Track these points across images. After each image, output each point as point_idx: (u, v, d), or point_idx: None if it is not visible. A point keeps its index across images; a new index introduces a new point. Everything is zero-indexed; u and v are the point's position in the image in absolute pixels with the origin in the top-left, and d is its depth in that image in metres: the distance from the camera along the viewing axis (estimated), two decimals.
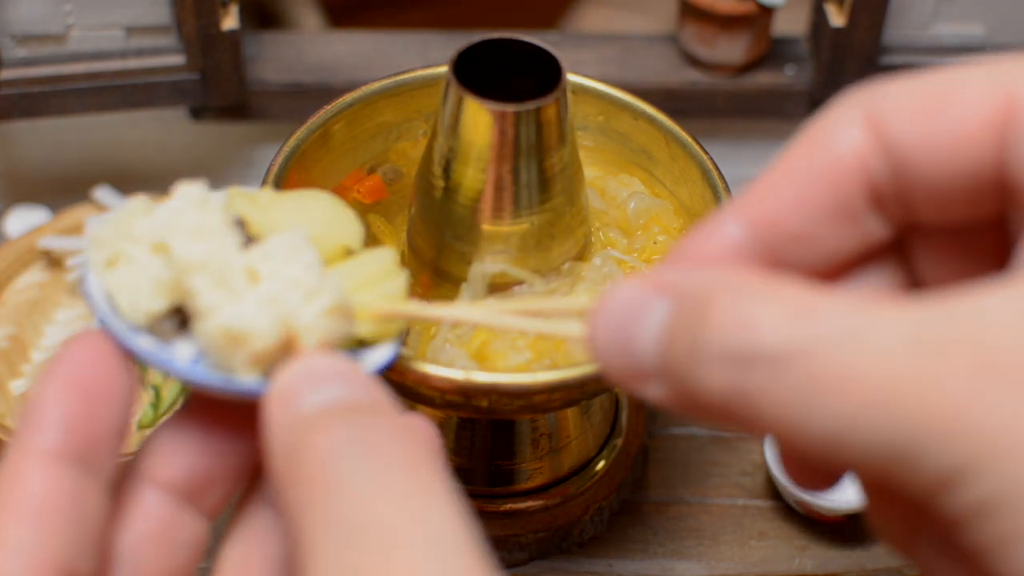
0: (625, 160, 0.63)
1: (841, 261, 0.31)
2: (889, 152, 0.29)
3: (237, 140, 0.84)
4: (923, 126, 0.28)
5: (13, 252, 0.77)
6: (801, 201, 0.30)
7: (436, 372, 0.49)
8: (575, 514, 0.64)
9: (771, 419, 0.26)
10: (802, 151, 0.30)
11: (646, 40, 0.82)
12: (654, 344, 0.28)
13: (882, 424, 0.25)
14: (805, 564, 0.66)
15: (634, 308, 0.29)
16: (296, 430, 0.30)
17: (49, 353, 0.72)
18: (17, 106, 0.74)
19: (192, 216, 0.35)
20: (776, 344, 0.26)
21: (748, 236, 0.30)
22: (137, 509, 0.33)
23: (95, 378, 0.32)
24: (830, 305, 0.26)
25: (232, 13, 0.74)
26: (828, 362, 0.25)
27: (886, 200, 0.30)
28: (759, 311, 0.26)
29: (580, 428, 0.64)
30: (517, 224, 0.54)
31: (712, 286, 0.28)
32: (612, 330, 0.29)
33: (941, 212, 0.30)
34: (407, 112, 0.62)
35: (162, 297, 0.34)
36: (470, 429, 0.62)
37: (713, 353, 0.27)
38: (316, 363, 0.32)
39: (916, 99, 0.29)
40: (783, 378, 0.26)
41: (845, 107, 0.30)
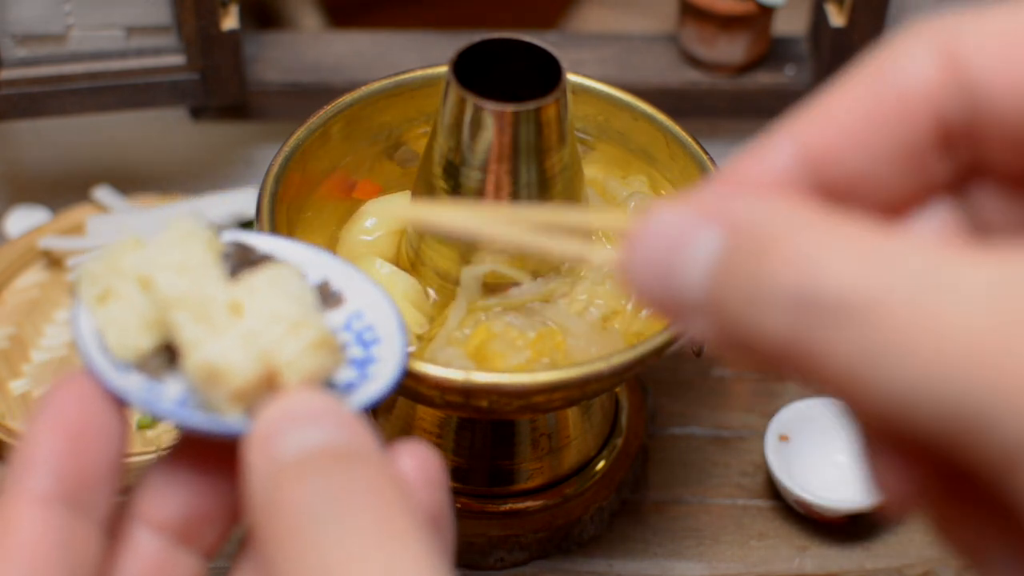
0: (625, 160, 0.63)
1: (900, 199, 0.28)
2: (965, 90, 0.26)
3: (237, 140, 0.84)
4: (1006, 67, 0.26)
5: (13, 252, 0.77)
6: (862, 136, 0.27)
7: (436, 372, 0.49)
8: (575, 514, 0.64)
9: (832, 372, 0.24)
10: (867, 79, 0.27)
11: (646, 40, 0.82)
12: (703, 278, 0.26)
13: (956, 386, 0.22)
14: (805, 564, 0.66)
15: (681, 235, 0.26)
16: (273, 478, 0.30)
17: (49, 353, 0.72)
18: (17, 106, 0.74)
19: (176, 251, 0.34)
20: (845, 290, 0.23)
21: (801, 164, 0.27)
22: (131, 550, 0.33)
23: (82, 420, 0.31)
24: (904, 250, 0.23)
25: (232, 13, 0.74)
26: (901, 314, 0.23)
27: (956, 141, 0.27)
28: (827, 252, 0.24)
29: (580, 428, 0.64)
30: None
31: (774, 219, 0.25)
32: (654, 258, 0.26)
33: (1016, 159, 0.27)
34: (407, 112, 0.62)
35: (150, 334, 0.33)
36: (470, 429, 0.62)
37: (773, 295, 0.24)
38: (298, 402, 0.32)
39: (1001, 35, 0.26)
40: (850, 328, 0.23)
41: (918, 36, 0.27)
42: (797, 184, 0.28)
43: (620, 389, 0.69)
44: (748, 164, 0.28)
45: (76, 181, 0.83)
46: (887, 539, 0.66)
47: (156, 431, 0.67)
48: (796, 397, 0.70)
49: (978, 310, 0.22)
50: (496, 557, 0.64)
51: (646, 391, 0.71)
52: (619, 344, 0.55)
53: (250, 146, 0.85)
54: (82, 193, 0.81)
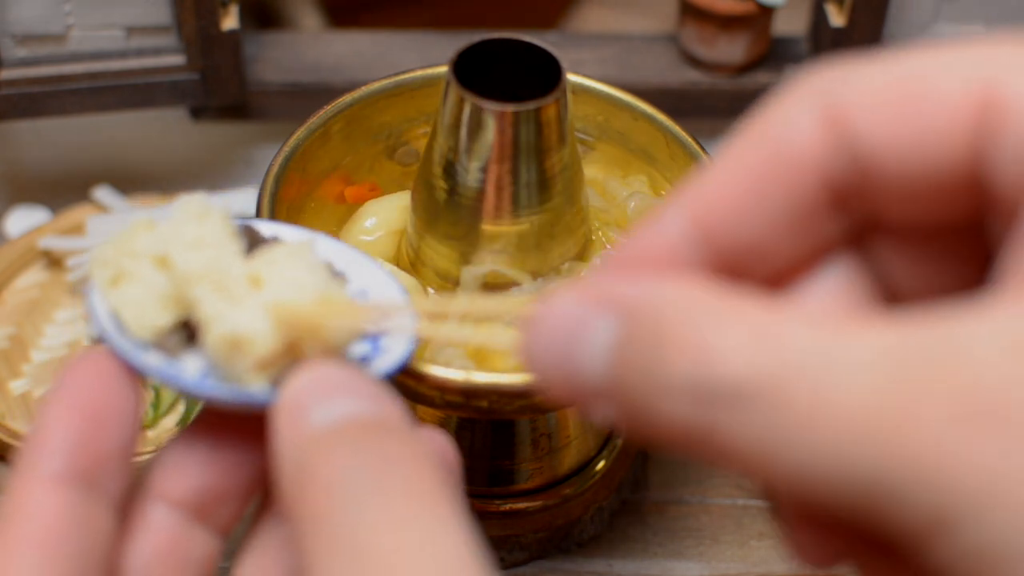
0: (625, 160, 0.63)
1: (795, 263, 0.28)
2: (850, 150, 0.26)
3: (237, 140, 0.84)
4: (890, 124, 0.26)
5: (13, 252, 0.77)
6: (750, 204, 0.27)
7: (436, 372, 0.49)
8: (575, 514, 0.64)
9: (734, 455, 0.24)
10: (751, 145, 0.27)
11: (646, 40, 0.82)
12: (601, 366, 0.26)
13: (857, 462, 0.22)
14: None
15: (576, 324, 0.26)
16: (304, 449, 0.30)
17: (49, 353, 0.72)
18: (17, 106, 0.74)
19: (192, 228, 0.35)
20: (740, 376, 0.23)
21: (693, 238, 0.28)
22: (146, 527, 0.33)
23: (100, 398, 0.32)
24: (795, 328, 0.24)
25: (232, 13, 0.74)
26: (797, 393, 0.23)
27: (846, 200, 0.27)
28: (718, 338, 0.24)
29: (580, 428, 0.64)
30: (517, 224, 0.54)
31: (663, 305, 0.25)
32: (552, 347, 0.27)
33: (909, 213, 0.27)
34: (407, 112, 0.62)
35: (168, 311, 0.34)
36: (470, 429, 0.62)
37: (670, 384, 0.24)
38: (324, 373, 0.32)
39: (881, 91, 0.26)
40: (748, 413, 0.23)
41: (800, 96, 0.27)
42: (691, 258, 0.28)
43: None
44: (642, 242, 0.28)
45: (76, 181, 0.83)
46: None
47: (157, 431, 0.67)
48: None
49: (868, 382, 0.23)
50: (496, 557, 0.64)
51: None
52: None
53: (250, 146, 0.85)
54: (82, 193, 0.81)
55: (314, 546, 0.28)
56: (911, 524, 0.23)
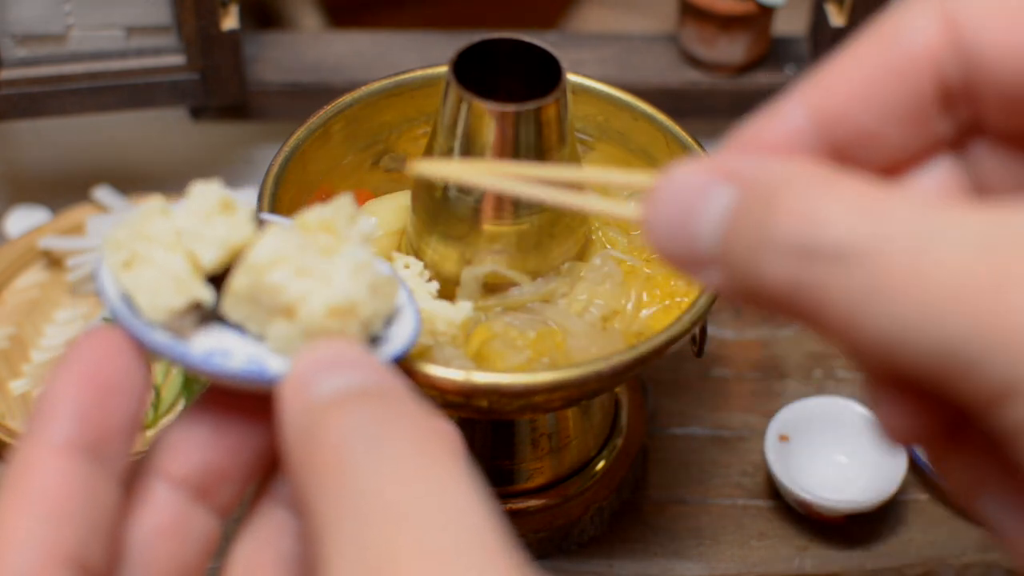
0: (625, 160, 0.63)
1: (904, 157, 0.30)
2: (963, 52, 0.28)
3: (237, 140, 0.84)
4: (1001, 31, 0.27)
5: (13, 252, 0.77)
6: (868, 96, 0.29)
7: (436, 372, 0.49)
8: (575, 514, 0.64)
9: (832, 315, 0.26)
10: (872, 44, 0.29)
11: (646, 40, 0.82)
12: (716, 230, 0.27)
13: (944, 327, 0.24)
14: (805, 564, 0.66)
15: (697, 192, 0.28)
16: (310, 414, 0.30)
17: (49, 353, 0.72)
18: (17, 106, 0.74)
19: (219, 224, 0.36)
20: (843, 239, 0.25)
21: (811, 126, 0.29)
22: (148, 503, 0.33)
23: (109, 371, 0.32)
24: (900, 203, 0.25)
25: (232, 13, 0.74)
26: (894, 260, 0.25)
27: (956, 101, 0.29)
28: (828, 205, 0.26)
29: (580, 428, 0.64)
30: (517, 224, 0.54)
31: (780, 176, 0.27)
32: (671, 213, 0.28)
33: (1011, 118, 0.28)
34: (407, 112, 0.62)
35: (181, 294, 0.34)
36: (470, 429, 0.62)
37: (778, 244, 0.26)
38: (331, 350, 0.32)
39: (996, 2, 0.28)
40: (848, 274, 0.25)
41: (922, 2, 0.29)
42: (808, 145, 0.29)
43: (620, 389, 0.69)
44: (761, 127, 0.30)
45: (76, 181, 0.83)
46: (887, 539, 0.66)
47: (156, 431, 0.67)
48: (796, 397, 0.70)
49: (964, 256, 0.24)
50: None
51: (646, 391, 0.71)
52: (619, 344, 0.55)
53: (250, 146, 0.85)
54: (82, 193, 0.81)
55: (322, 504, 0.28)
56: (987, 388, 0.24)
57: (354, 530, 0.27)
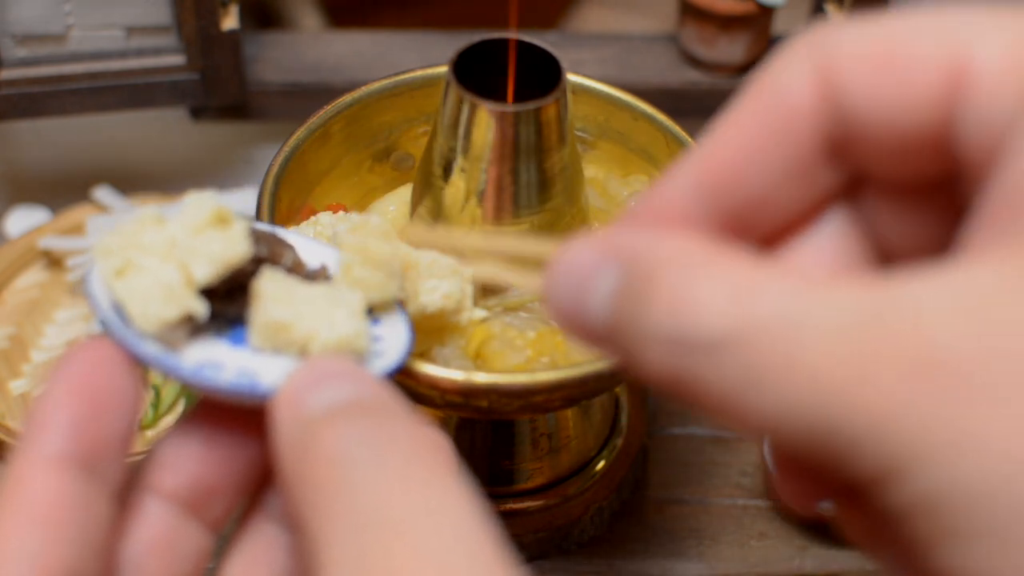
0: (625, 160, 0.63)
1: (796, 214, 0.30)
2: (836, 106, 0.28)
3: (237, 140, 0.84)
4: (870, 82, 0.28)
5: (13, 252, 0.77)
6: (753, 158, 0.29)
7: (436, 372, 0.49)
8: (575, 514, 0.64)
9: (713, 401, 0.26)
10: (752, 104, 0.29)
11: (646, 40, 0.82)
12: (604, 311, 0.28)
13: (818, 413, 0.24)
14: (805, 564, 0.66)
15: (586, 271, 0.29)
16: (305, 429, 0.30)
17: (49, 353, 0.72)
18: (17, 106, 0.74)
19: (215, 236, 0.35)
20: (714, 330, 0.26)
21: (701, 194, 0.30)
22: (140, 519, 0.33)
23: (102, 383, 0.32)
24: (770, 287, 0.26)
25: (232, 13, 0.74)
26: (764, 349, 0.25)
27: (839, 152, 0.29)
28: (699, 291, 0.26)
29: (580, 428, 0.64)
30: (517, 224, 0.54)
31: (656, 256, 0.27)
32: (565, 290, 0.29)
33: (892, 168, 0.29)
34: (407, 112, 0.62)
35: (174, 305, 0.34)
36: (470, 429, 0.62)
37: (653, 334, 0.27)
38: (324, 365, 0.32)
39: (865, 51, 0.28)
40: (721, 363, 0.25)
41: (795, 55, 0.29)
42: (699, 213, 0.30)
43: (620, 389, 0.69)
44: (653, 200, 0.30)
45: (76, 181, 0.83)
46: None
47: (157, 431, 0.67)
48: None
49: (830, 341, 0.24)
50: None
51: (646, 391, 0.71)
52: None
53: (250, 146, 0.85)
54: (82, 193, 0.81)
55: (318, 519, 0.28)
56: (867, 471, 0.24)
57: (351, 543, 0.27)
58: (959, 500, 0.23)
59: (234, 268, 0.35)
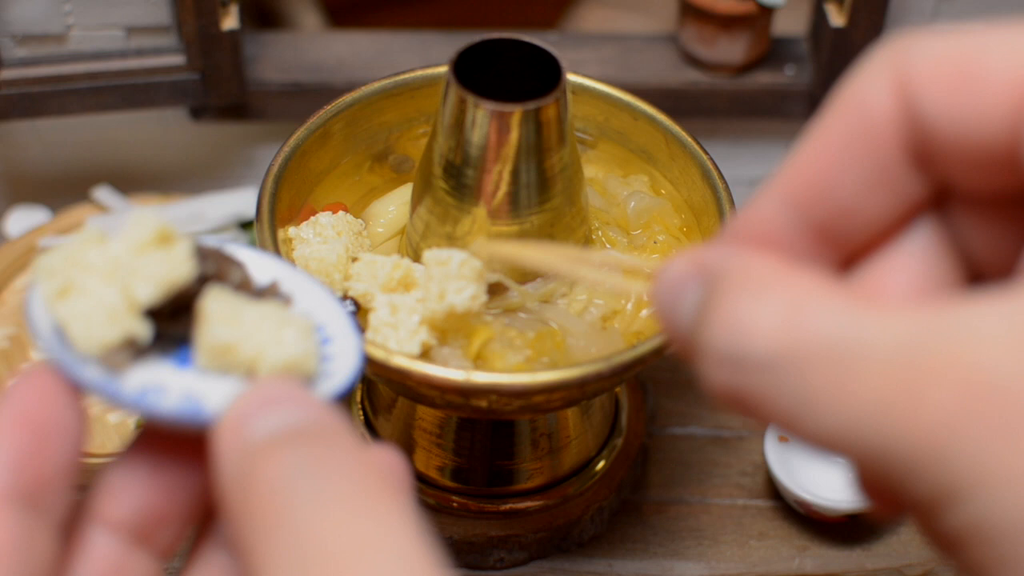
0: (625, 160, 0.63)
1: (885, 225, 0.30)
2: (917, 117, 0.28)
3: (237, 140, 0.84)
4: (946, 96, 0.28)
5: (13, 252, 0.77)
6: (838, 171, 0.30)
7: (436, 372, 0.49)
8: (575, 514, 0.64)
9: (774, 416, 0.27)
10: (835, 119, 0.30)
11: (646, 40, 0.82)
12: (688, 324, 0.29)
13: (872, 435, 0.25)
14: (805, 564, 0.66)
15: (677, 287, 0.30)
16: (246, 457, 0.29)
17: None
18: (17, 106, 0.74)
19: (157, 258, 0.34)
20: (765, 349, 0.26)
21: (790, 209, 0.30)
22: (87, 551, 0.32)
23: (44, 415, 0.31)
24: (823, 308, 0.26)
25: (232, 13, 0.74)
26: (814, 371, 0.25)
27: (923, 162, 0.29)
28: (753, 312, 0.27)
29: (580, 428, 0.64)
30: (517, 224, 0.54)
31: (726, 273, 0.28)
32: (663, 303, 0.30)
33: (973, 180, 0.29)
34: (407, 112, 0.62)
35: (116, 327, 0.33)
36: (470, 429, 0.62)
37: (713, 350, 0.27)
38: (267, 389, 0.31)
39: (941, 65, 0.28)
40: (774, 383, 0.26)
41: (875, 68, 0.29)
42: (790, 229, 0.30)
43: (620, 389, 0.69)
44: (748, 216, 0.31)
45: (76, 181, 0.83)
46: (887, 539, 0.66)
47: None
48: None
49: (884, 367, 0.25)
50: (496, 557, 0.64)
51: (646, 391, 0.71)
52: (619, 344, 0.55)
53: (250, 146, 0.85)
54: (82, 193, 0.81)
55: (259, 551, 0.28)
56: (923, 494, 0.25)
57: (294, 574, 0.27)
58: (1011, 530, 0.24)
59: (178, 288, 0.34)
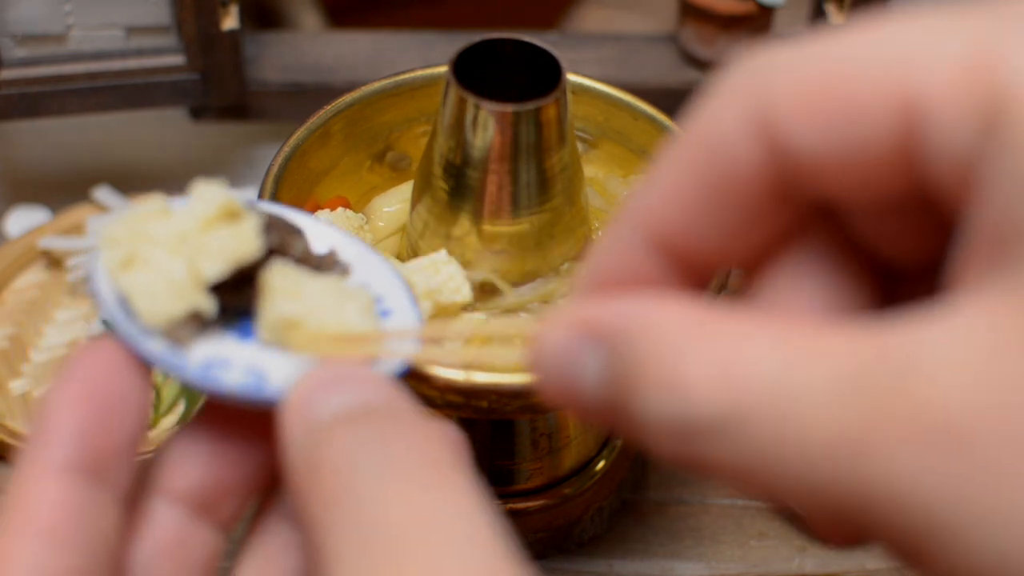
0: (625, 159, 0.63)
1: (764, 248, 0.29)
2: (782, 151, 0.26)
3: (237, 140, 0.84)
4: (816, 123, 0.25)
5: (13, 252, 0.77)
6: (698, 212, 0.27)
7: (436, 372, 0.49)
8: (575, 514, 0.64)
9: (722, 474, 0.25)
10: (687, 155, 0.27)
11: (646, 40, 0.82)
12: (597, 396, 0.27)
13: (834, 488, 0.23)
14: (805, 564, 0.66)
15: (569, 358, 0.28)
16: (312, 436, 0.30)
17: (49, 353, 0.72)
18: (17, 106, 0.74)
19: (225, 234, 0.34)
20: (710, 411, 0.25)
21: (651, 250, 0.28)
22: (151, 522, 0.33)
23: (109, 388, 0.31)
24: (759, 355, 0.24)
25: (232, 13, 0.74)
26: (764, 426, 0.24)
27: (792, 192, 0.27)
28: (687, 374, 0.25)
29: (580, 428, 0.64)
30: (517, 224, 0.54)
31: (638, 335, 0.26)
32: (553, 378, 0.28)
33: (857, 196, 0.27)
34: (407, 112, 0.62)
35: (182, 300, 0.33)
36: (470, 429, 0.62)
37: (651, 419, 0.26)
38: (332, 370, 0.32)
39: (803, 88, 0.25)
40: (724, 444, 0.25)
41: (728, 97, 0.27)
42: (657, 271, 0.28)
43: None
44: (604, 262, 0.29)
45: (76, 181, 0.83)
46: None
47: (157, 431, 0.67)
48: None
49: (828, 410, 0.23)
50: None
51: None
52: None
53: (250, 146, 0.85)
54: (82, 193, 0.81)
55: (326, 525, 0.28)
56: (896, 539, 0.23)
57: (359, 551, 0.27)
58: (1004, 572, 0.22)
59: (246, 264, 0.34)
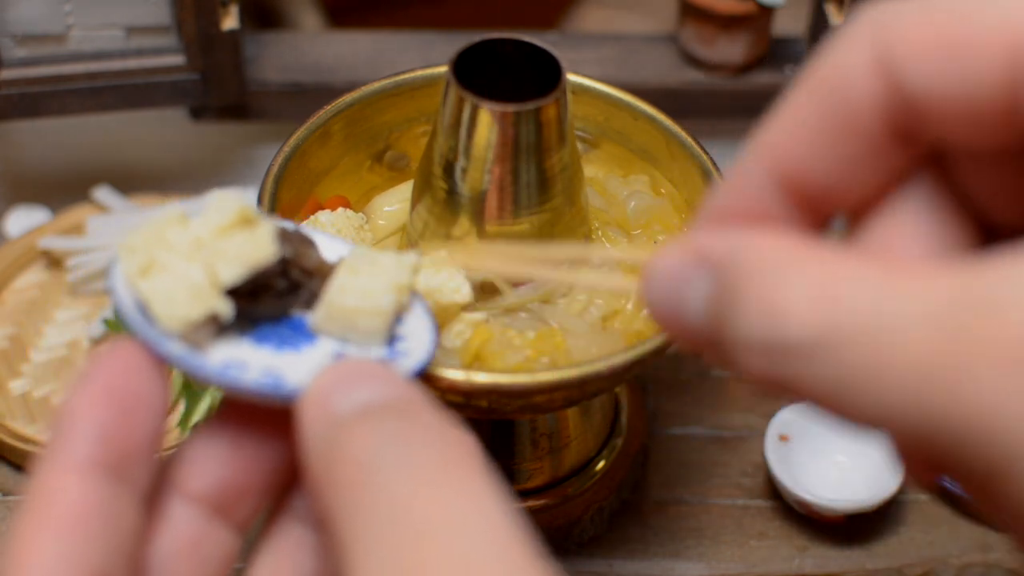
0: (625, 160, 0.63)
1: (878, 189, 0.30)
2: (901, 90, 0.28)
3: (237, 140, 0.84)
4: (932, 66, 0.27)
5: (13, 252, 0.77)
6: (820, 148, 0.29)
7: (436, 372, 0.49)
8: (575, 514, 0.64)
9: (816, 398, 0.26)
10: (812, 93, 0.29)
11: (646, 40, 0.82)
12: (701, 315, 0.28)
13: (920, 410, 0.24)
14: (805, 564, 0.66)
15: (678, 282, 0.29)
16: (333, 430, 0.30)
17: (49, 353, 0.72)
18: (17, 106, 0.74)
19: (241, 239, 0.35)
20: (804, 334, 0.25)
21: (773, 185, 0.30)
22: (168, 522, 0.33)
23: (130, 387, 0.31)
24: (856, 284, 0.25)
25: (232, 13, 0.74)
26: (855, 350, 0.25)
27: (909, 132, 0.29)
28: (787, 296, 0.26)
29: (580, 428, 0.64)
30: (517, 224, 0.54)
31: (744, 261, 0.27)
32: (662, 300, 0.29)
33: (969, 142, 0.28)
34: (407, 112, 0.62)
35: (199, 304, 0.34)
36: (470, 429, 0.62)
37: (748, 341, 0.27)
38: (351, 366, 0.32)
39: (924, 32, 0.27)
40: (815, 366, 0.25)
41: (852, 39, 0.28)
42: (775, 203, 0.30)
43: (620, 389, 0.69)
44: (728, 195, 0.30)
45: (76, 181, 0.83)
46: (887, 539, 0.66)
47: None
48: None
49: (920, 338, 0.24)
50: None
51: (646, 391, 0.71)
52: (619, 344, 0.54)
53: (250, 146, 0.85)
54: (82, 193, 0.81)
55: (348, 520, 0.28)
56: (976, 467, 0.24)
57: (381, 545, 0.27)
58: None
59: (261, 269, 0.35)
